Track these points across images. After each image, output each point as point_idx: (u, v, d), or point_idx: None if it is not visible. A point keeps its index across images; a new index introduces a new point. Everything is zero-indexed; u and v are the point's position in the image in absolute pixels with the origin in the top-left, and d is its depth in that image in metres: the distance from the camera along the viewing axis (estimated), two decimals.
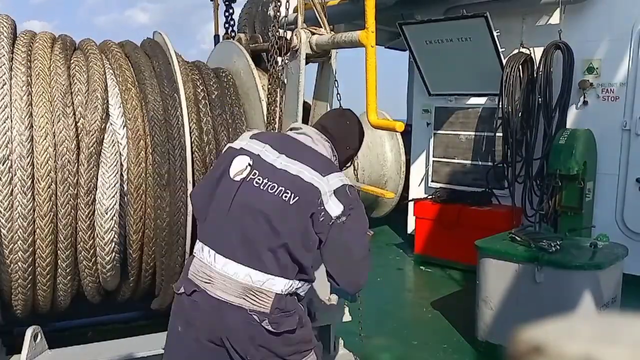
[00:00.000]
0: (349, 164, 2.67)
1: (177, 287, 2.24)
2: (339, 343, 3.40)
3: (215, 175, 2.25)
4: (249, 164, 2.17)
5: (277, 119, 3.01)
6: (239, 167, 2.18)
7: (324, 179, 2.11)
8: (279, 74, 2.90)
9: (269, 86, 2.92)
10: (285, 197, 2.08)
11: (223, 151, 2.41)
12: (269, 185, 2.11)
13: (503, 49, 5.90)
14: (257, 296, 2.06)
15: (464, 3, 6.04)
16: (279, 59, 2.89)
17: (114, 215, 2.77)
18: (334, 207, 2.08)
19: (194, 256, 2.22)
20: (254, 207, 2.10)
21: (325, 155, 2.27)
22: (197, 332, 2.14)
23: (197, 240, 2.25)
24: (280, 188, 2.10)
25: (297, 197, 2.08)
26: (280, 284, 2.08)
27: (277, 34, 2.85)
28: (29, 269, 2.70)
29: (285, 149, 2.20)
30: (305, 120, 3.00)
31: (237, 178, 2.16)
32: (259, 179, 2.13)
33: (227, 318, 2.08)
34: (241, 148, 2.24)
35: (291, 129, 2.38)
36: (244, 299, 2.06)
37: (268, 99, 2.95)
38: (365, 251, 2.19)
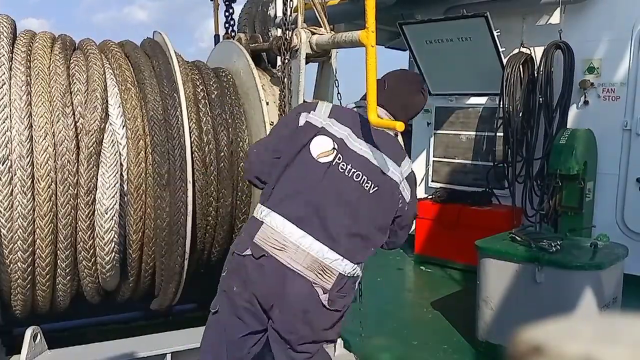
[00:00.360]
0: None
1: (239, 249, 2.26)
2: (339, 343, 3.40)
3: (292, 148, 2.29)
4: (334, 148, 2.26)
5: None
6: (322, 148, 2.26)
7: (399, 169, 2.31)
8: (285, 74, 2.91)
9: (280, 90, 2.94)
10: (367, 186, 2.23)
11: (298, 121, 2.35)
12: (354, 172, 2.23)
13: (503, 49, 5.90)
14: (324, 272, 2.18)
15: (464, 3, 6.04)
16: (286, 58, 2.90)
17: (114, 215, 2.76)
18: (407, 193, 2.34)
19: (261, 222, 2.24)
20: (337, 192, 2.22)
21: (393, 136, 2.41)
22: (253, 294, 2.20)
23: (263, 206, 2.28)
24: (363, 177, 2.24)
25: (377, 188, 2.24)
26: (347, 267, 2.21)
27: (285, 34, 2.86)
28: (29, 269, 2.70)
29: (364, 135, 2.31)
30: None
31: (322, 160, 2.24)
32: (344, 165, 2.24)
33: (289, 285, 2.17)
34: (322, 127, 2.29)
35: (359, 106, 2.47)
36: (311, 271, 2.17)
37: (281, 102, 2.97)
38: (412, 225, 2.50)
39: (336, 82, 3.04)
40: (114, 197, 2.75)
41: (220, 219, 3.23)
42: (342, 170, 2.23)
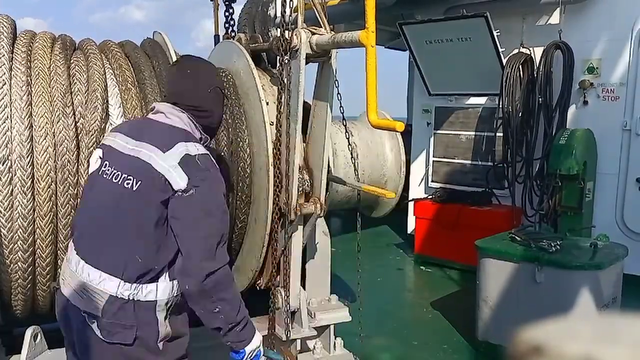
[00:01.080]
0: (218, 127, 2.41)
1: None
2: (339, 343, 3.40)
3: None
4: (100, 157, 2.09)
5: (281, 119, 3.01)
6: (93, 160, 2.14)
7: (164, 154, 1.94)
8: (284, 74, 2.91)
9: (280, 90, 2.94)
10: (128, 184, 1.94)
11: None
12: (114, 174, 1.98)
13: (503, 49, 5.91)
14: (90, 295, 1.91)
15: (464, 3, 6.04)
16: (285, 58, 2.89)
17: None
18: (178, 180, 1.91)
19: None
20: (99, 199, 2.01)
21: (180, 127, 2.08)
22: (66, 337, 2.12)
23: None
24: (123, 175, 1.96)
25: (140, 182, 1.93)
26: (113, 285, 1.90)
27: (283, 34, 2.85)
28: (29, 269, 2.70)
29: (136, 133, 2.07)
30: (305, 121, 3.00)
31: (92, 170, 2.11)
32: (108, 170, 2.01)
33: (71, 317, 2.00)
34: (101, 144, 2.20)
35: (149, 111, 2.22)
36: (79, 297, 1.94)
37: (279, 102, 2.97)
38: (210, 230, 1.95)
39: (336, 82, 3.04)
40: None
41: None
42: (105, 176, 2.01)
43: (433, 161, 6.99)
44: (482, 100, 6.48)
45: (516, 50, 5.95)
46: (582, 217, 5.30)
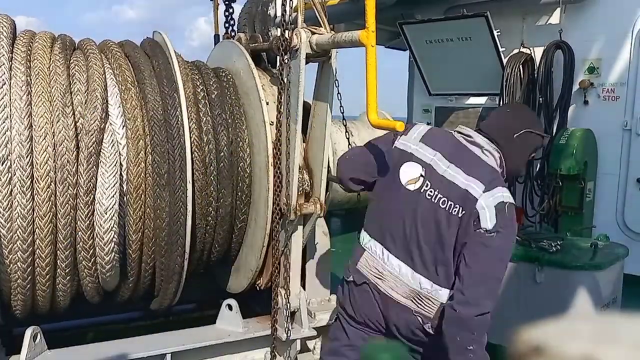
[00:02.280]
0: (521, 174, 2.70)
1: (346, 274, 2.40)
2: None
3: (383, 172, 2.33)
4: (422, 175, 2.24)
5: (281, 119, 3.01)
6: (411, 175, 2.26)
7: (486, 194, 2.16)
8: (284, 74, 2.91)
9: (280, 90, 2.94)
10: (455, 211, 2.17)
11: (387, 144, 2.41)
12: (441, 199, 2.19)
13: (503, 49, 5.90)
14: (424, 302, 2.22)
15: (464, 3, 6.04)
16: (285, 58, 2.89)
17: (114, 215, 2.76)
18: (488, 220, 2.13)
19: (364, 249, 2.35)
20: (427, 220, 2.20)
21: (493, 166, 2.28)
22: (365, 317, 2.33)
23: (365, 232, 2.37)
24: (450, 202, 2.18)
25: (464, 212, 2.16)
26: (445, 295, 2.21)
27: (283, 34, 2.85)
28: (29, 269, 2.69)
29: (455, 159, 2.25)
30: (305, 120, 2.99)
31: (411, 187, 2.25)
32: (431, 192, 2.21)
33: (392, 312, 2.26)
34: (411, 154, 2.29)
35: (459, 132, 2.38)
36: (411, 301, 2.22)
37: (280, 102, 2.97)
38: (498, 274, 2.23)
39: (336, 82, 3.04)
40: (113, 197, 2.75)
41: (220, 219, 3.22)
42: (429, 197, 2.22)
43: None
44: (482, 100, 6.48)
45: (516, 50, 5.95)
46: (582, 217, 5.30)
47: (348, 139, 3.32)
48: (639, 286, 4.96)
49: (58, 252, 2.74)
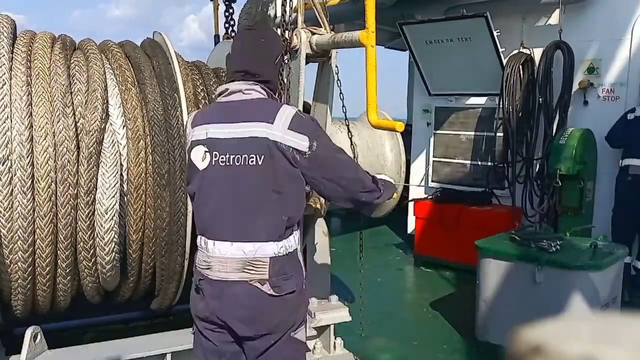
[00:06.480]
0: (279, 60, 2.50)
1: (193, 281, 2.30)
2: (339, 343, 3.40)
3: (188, 172, 2.29)
4: (206, 151, 2.18)
5: None
6: (198, 157, 2.20)
7: (273, 125, 2.09)
8: (284, 74, 2.90)
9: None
10: (252, 161, 2.10)
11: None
12: (234, 157, 2.11)
13: (503, 49, 5.91)
14: (254, 265, 2.11)
15: (464, 3, 6.05)
16: (285, 58, 2.88)
17: (114, 215, 2.77)
18: (300, 141, 2.10)
19: (198, 249, 2.28)
20: (229, 184, 2.13)
21: (262, 96, 2.21)
22: (206, 318, 2.19)
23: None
24: (244, 156, 2.10)
25: (263, 155, 2.09)
26: (271, 248, 2.12)
27: (283, 34, 2.84)
28: (29, 269, 2.70)
29: (225, 119, 2.18)
30: None
31: (203, 166, 2.18)
32: (222, 157, 2.14)
33: (228, 295, 2.13)
34: (190, 142, 2.25)
35: (219, 95, 2.30)
36: (243, 272, 2.11)
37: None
38: (347, 164, 2.25)
39: (338, 82, 3.04)
40: (114, 197, 2.75)
41: None
42: (223, 164, 2.14)
43: (433, 161, 6.99)
44: (482, 100, 6.48)
45: (516, 51, 5.95)
46: (582, 217, 5.30)
47: (351, 139, 3.32)
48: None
49: (58, 252, 2.74)
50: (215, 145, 2.16)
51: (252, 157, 2.09)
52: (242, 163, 2.11)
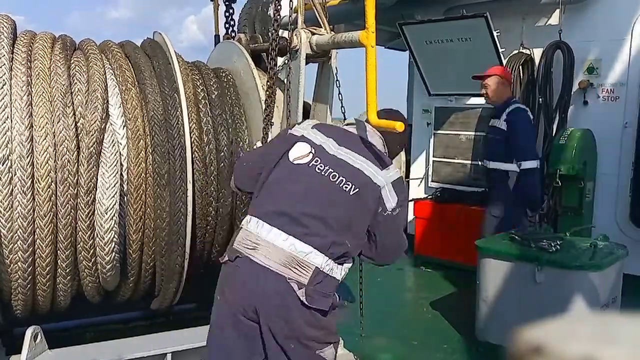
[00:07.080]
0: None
1: (222, 257, 2.30)
2: (339, 343, 3.40)
3: (273, 157, 2.33)
4: (312, 152, 2.26)
5: (281, 119, 3.01)
6: (300, 152, 2.27)
7: (382, 172, 2.27)
8: (277, 74, 2.90)
9: (268, 87, 2.91)
10: (346, 188, 2.20)
11: (280, 136, 2.50)
12: (332, 173, 2.22)
13: (503, 49, 5.90)
14: (298, 266, 2.14)
15: (464, 3, 6.04)
16: (280, 59, 2.88)
17: (114, 215, 2.77)
18: (391, 200, 2.26)
19: (241, 228, 2.28)
20: (313, 190, 2.21)
21: (380, 147, 2.39)
22: (233, 304, 2.19)
23: (248, 215, 2.32)
24: (341, 178, 2.21)
25: (357, 190, 2.21)
26: (320, 259, 2.15)
27: (277, 34, 2.84)
28: (29, 269, 2.70)
29: (345, 142, 2.32)
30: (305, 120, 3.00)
31: (299, 162, 2.25)
32: (321, 166, 2.23)
33: (264, 283, 2.14)
34: (302, 136, 2.32)
35: (347, 124, 2.49)
36: (285, 267, 2.13)
37: (267, 100, 2.94)
38: (403, 238, 2.42)
39: (337, 82, 3.04)
40: (114, 197, 2.75)
41: (220, 219, 3.23)
42: (319, 171, 2.23)
43: (433, 161, 6.98)
44: (482, 100, 6.45)
45: (516, 51, 5.95)
46: (582, 217, 5.30)
47: None
48: (639, 286, 4.96)
49: (58, 252, 2.74)
50: (324, 155, 2.27)
51: (348, 185, 2.21)
52: (336, 182, 2.22)
